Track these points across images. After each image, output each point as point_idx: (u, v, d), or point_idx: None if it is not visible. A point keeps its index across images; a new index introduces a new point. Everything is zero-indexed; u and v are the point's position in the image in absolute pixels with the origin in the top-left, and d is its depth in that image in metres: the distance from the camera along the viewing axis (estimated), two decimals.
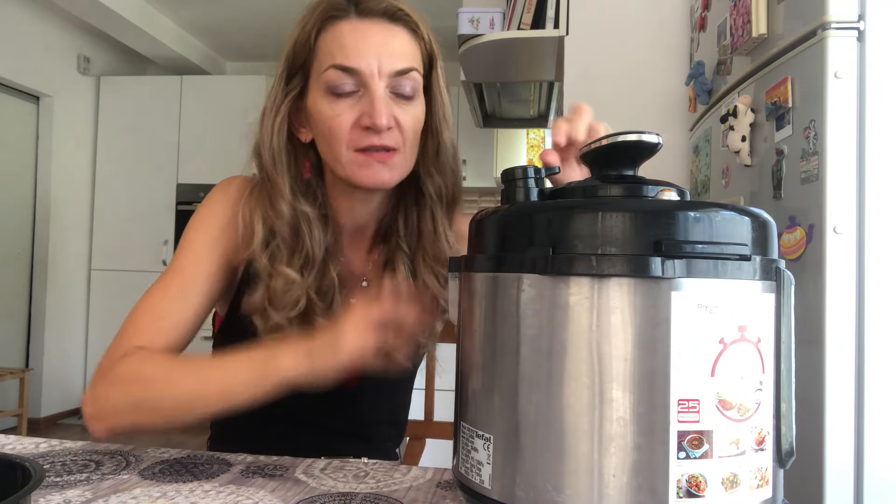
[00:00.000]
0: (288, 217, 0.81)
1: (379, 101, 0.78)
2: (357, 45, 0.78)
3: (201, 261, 0.83)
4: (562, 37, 2.18)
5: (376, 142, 0.78)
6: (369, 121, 0.77)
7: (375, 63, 0.78)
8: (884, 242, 1.08)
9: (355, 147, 0.79)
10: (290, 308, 0.80)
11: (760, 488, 0.48)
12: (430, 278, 0.88)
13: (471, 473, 0.53)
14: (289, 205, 0.82)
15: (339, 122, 0.79)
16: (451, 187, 0.89)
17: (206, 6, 4.38)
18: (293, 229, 0.82)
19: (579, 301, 0.47)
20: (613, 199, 0.53)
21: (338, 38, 0.79)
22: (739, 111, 1.38)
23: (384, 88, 0.79)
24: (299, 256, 0.82)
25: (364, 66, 0.78)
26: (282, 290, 0.80)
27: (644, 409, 0.45)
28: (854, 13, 1.10)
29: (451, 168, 0.89)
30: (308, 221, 0.83)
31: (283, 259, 0.81)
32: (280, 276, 0.80)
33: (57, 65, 4.43)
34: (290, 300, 0.80)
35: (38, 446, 0.77)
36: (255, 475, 0.68)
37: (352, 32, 0.79)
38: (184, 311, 0.81)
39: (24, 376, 3.76)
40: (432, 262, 0.88)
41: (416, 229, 0.90)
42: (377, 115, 0.77)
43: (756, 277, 0.48)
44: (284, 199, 0.82)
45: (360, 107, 0.79)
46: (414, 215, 0.90)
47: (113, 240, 4.71)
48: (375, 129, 0.78)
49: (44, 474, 0.45)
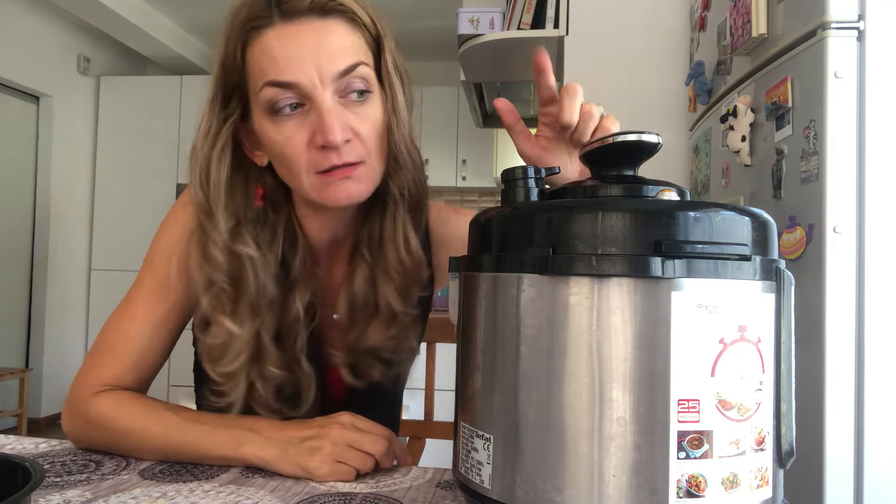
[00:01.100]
0: (224, 265, 0.74)
1: (328, 115, 0.69)
2: (289, 55, 0.69)
3: (168, 287, 0.80)
4: (562, 37, 2.19)
5: (336, 161, 0.70)
6: (322, 139, 0.69)
7: (314, 71, 0.69)
8: (884, 242, 1.08)
9: (315, 170, 0.71)
10: (228, 363, 0.75)
11: (760, 488, 0.48)
12: (390, 290, 0.81)
13: (471, 473, 0.53)
14: (225, 252, 0.74)
15: (293, 146, 0.71)
16: (413, 185, 0.80)
17: (206, 6, 4.38)
18: (232, 277, 0.75)
19: (579, 301, 0.47)
20: (613, 199, 0.53)
21: (266, 51, 0.70)
22: (739, 111, 1.38)
23: (331, 97, 0.70)
24: (245, 302, 0.75)
25: (302, 78, 0.69)
26: (221, 344, 0.74)
27: (644, 409, 0.45)
28: (854, 13, 1.10)
29: (412, 162, 0.79)
30: (252, 264, 0.75)
31: (226, 308, 0.75)
32: (220, 327, 0.74)
33: (57, 65, 4.43)
34: (229, 355, 0.75)
35: (38, 446, 0.77)
36: (255, 475, 0.68)
37: (279, 41, 0.70)
38: (153, 344, 0.80)
39: (24, 376, 3.76)
40: (393, 271, 0.81)
41: (377, 233, 0.82)
42: (329, 131, 0.69)
43: (756, 277, 0.48)
44: (218, 246, 0.74)
45: (308, 123, 0.70)
46: (376, 219, 0.82)
47: (113, 240, 4.71)
48: (331, 146, 0.69)
49: (44, 474, 0.45)
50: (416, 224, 0.83)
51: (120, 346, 0.79)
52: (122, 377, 0.78)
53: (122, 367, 0.79)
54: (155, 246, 0.83)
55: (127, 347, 0.79)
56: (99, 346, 0.80)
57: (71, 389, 0.79)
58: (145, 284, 0.81)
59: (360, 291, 0.82)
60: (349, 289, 0.82)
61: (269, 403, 0.78)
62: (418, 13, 4.11)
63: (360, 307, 0.82)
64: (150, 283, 0.81)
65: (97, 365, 0.79)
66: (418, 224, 0.83)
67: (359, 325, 0.83)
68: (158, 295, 0.80)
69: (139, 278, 0.82)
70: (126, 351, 0.79)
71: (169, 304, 0.80)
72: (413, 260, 0.81)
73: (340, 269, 0.87)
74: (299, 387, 0.79)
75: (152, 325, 0.80)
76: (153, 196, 4.65)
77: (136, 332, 0.79)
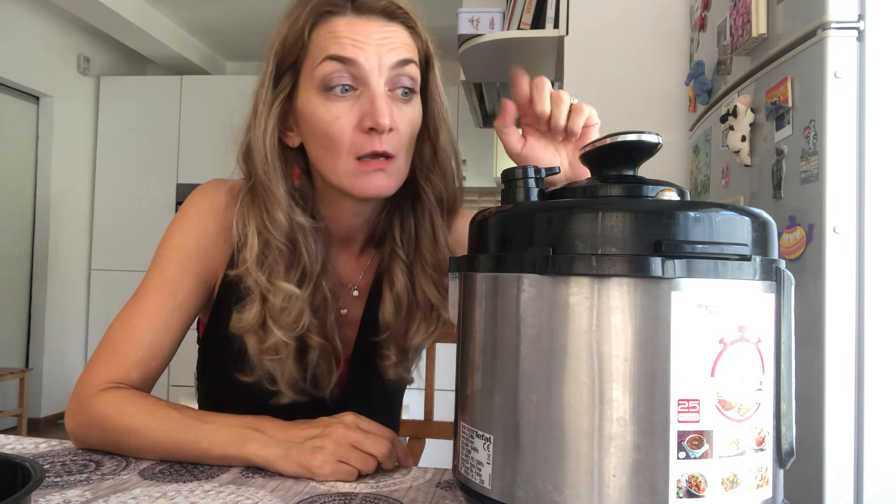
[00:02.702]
0: (286, 228, 0.77)
1: (380, 99, 0.74)
2: (354, 38, 0.74)
3: (177, 282, 0.81)
4: (562, 37, 2.19)
5: (378, 147, 0.74)
6: (371, 121, 0.73)
7: (375, 57, 0.74)
8: (884, 242, 1.08)
9: (356, 154, 0.75)
10: (291, 326, 0.77)
11: (760, 488, 0.48)
12: (430, 288, 0.85)
13: (471, 473, 0.53)
14: (286, 215, 0.78)
15: (340, 126, 0.75)
16: (451, 191, 0.86)
17: (206, 6, 4.38)
18: (290, 241, 0.78)
19: (579, 301, 0.47)
20: (613, 199, 0.53)
21: (333, 32, 0.75)
22: (739, 111, 1.38)
23: (384, 86, 0.75)
24: (296, 270, 0.78)
25: (362, 59, 0.74)
26: (280, 307, 0.76)
27: (644, 409, 0.45)
28: (854, 13, 1.10)
29: (451, 171, 0.85)
30: (304, 233, 0.79)
31: (280, 273, 0.77)
32: (279, 291, 0.76)
33: (57, 65, 4.43)
34: (291, 317, 0.77)
35: (38, 446, 0.77)
36: (255, 475, 0.68)
37: (348, 27, 0.75)
38: (159, 340, 0.80)
39: (24, 376, 3.76)
40: (431, 270, 0.85)
41: (413, 236, 0.86)
42: (379, 114, 0.73)
43: (756, 277, 0.48)
44: (282, 209, 0.77)
45: (359, 107, 0.75)
46: (411, 221, 0.86)
47: (113, 240, 4.71)
48: (379, 129, 0.73)
49: (44, 474, 0.45)
50: (449, 224, 0.88)
51: (126, 341, 0.79)
52: (126, 374, 0.78)
53: (127, 364, 0.78)
54: (164, 244, 0.83)
55: (133, 343, 0.79)
56: (106, 343, 0.80)
57: (76, 387, 0.79)
58: (153, 281, 0.81)
59: (402, 290, 0.85)
60: (391, 289, 0.85)
61: (299, 384, 0.80)
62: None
63: (403, 307, 0.85)
64: (159, 280, 0.81)
65: (103, 361, 0.79)
66: (450, 227, 0.88)
67: (403, 325, 0.86)
68: (167, 291, 0.81)
69: (148, 275, 0.82)
70: (132, 347, 0.79)
71: (176, 301, 0.81)
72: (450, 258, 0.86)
73: (348, 268, 0.89)
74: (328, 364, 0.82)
75: (160, 321, 0.80)
76: (153, 196, 4.65)
77: (144, 327, 0.79)
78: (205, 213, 0.83)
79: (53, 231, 4.46)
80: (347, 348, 0.88)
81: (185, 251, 0.82)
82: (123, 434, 0.73)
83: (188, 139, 4.68)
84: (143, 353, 0.79)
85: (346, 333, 0.88)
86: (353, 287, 0.89)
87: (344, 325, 0.88)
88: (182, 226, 0.83)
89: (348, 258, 0.89)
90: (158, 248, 0.83)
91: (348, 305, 0.89)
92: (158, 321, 0.80)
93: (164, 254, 0.82)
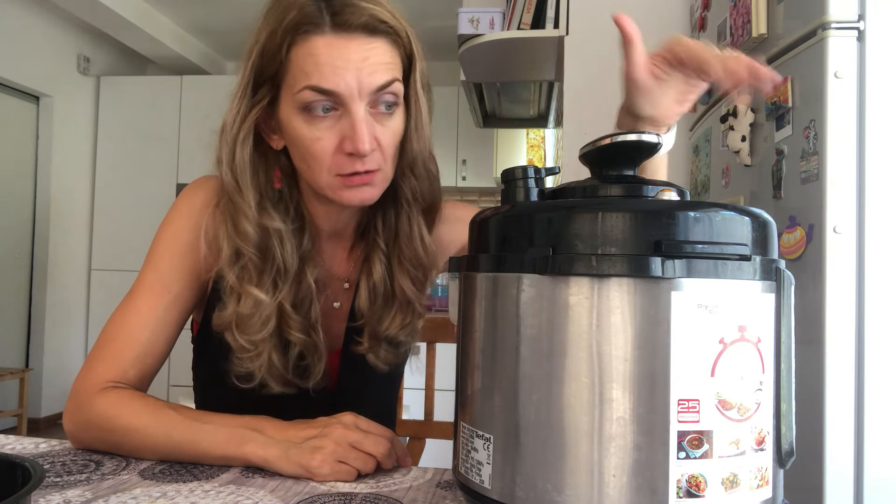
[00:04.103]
0: (254, 238, 0.78)
1: (360, 125, 0.73)
2: (335, 65, 0.72)
3: (171, 278, 0.81)
4: (562, 37, 2.18)
5: (359, 167, 0.75)
6: (352, 146, 0.73)
7: (355, 83, 0.72)
8: (884, 242, 1.08)
9: (337, 173, 0.75)
10: (257, 330, 0.78)
11: (760, 488, 0.48)
12: (406, 281, 0.86)
13: (471, 473, 0.53)
14: (254, 225, 0.78)
15: (321, 147, 0.74)
16: (428, 191, 0.86)
17: (206, 6, 4.38)
18: (261, 249, 0.78)
19: (579, 301, 0.47)
20: (613, 199, 0.53)
21: (313, 56, 0.73)
22: (739, 111, 1.38)
23: (364, 108, 0.74)
24: (269, 273, 0.79)
25: (343, 88, 0.72)
26: (249, 314, 0.77)
27: (644, 409, 0.45)
28: (854, 13, 1.10)
29: (427, 172, 0.85)
30: (279, 236, 0.79)
31: (253, 278, 0.78)
32: (248, 296, 0.77)
33: (57, 65, 4.43)
34: (257, 323, 0.78)
35: (38, 446, 0.77)
36: (255, 475, 0.68)
37: (327, 48, 0.72)
38: (155, 336, 0.80)
39: (24, 376, 3.76)
40: (408, 264, 0.86)
41: (393, 229, 0.87)
42: (360, 140, 0.73)
43: (756, 277, 0.48)
44: (249, 220, 0.78)
45: (339, 129, 0.74)
46: (392, 215, 0.87)
47: (113, 240, 4.71)
48: (359, 154, 0.73)
49: (44, 474, 0.45)
50: (429, 223, 0.89)
51: (122, 339, 0.79)
52: (124, 372, 0.78)
53: (124, 361, 0.79)
54: (157, 240, 0.84)
55: (130, 341, 0.79)
56: (102, 341, 0.81)
57: (73, 387, 0.79)
58: (147, 278, 0.82)
59: (379, 279, 0.86)
60: (368, 279, 0.86)
61: (284, 376, 0.80)
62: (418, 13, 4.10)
63: (379, 296, 0.86)
64: (153, 277, 0.82)
65: (100, 360, 0.79)
66: (431, 223, 0.89)
67: (377, 313, 0.86)
68: (161, 287, 0.81)
69: (142, 272, 0.83)
70: (129, 344, 0.79)
71: (171, 296, 0.81)
72: (428, 255, 0.87)
73: (340, 261, 0.90)
74: (312, 357, 0.83)
75: (155, 316, 0.80)
76: (153, 196, 4.65)
77: (139, 324, 0.80)
78: (196, 208, 0.83)
79: (53, 231, 4.46)
80: (340, 340, 0.89)
81: (178, 247, 0.82)
82: (122, 435, 0.73)
83: (188, 139, 4.68)
84: (139, 350, 0.79)
85: (339, 326, 0.89)
86: (344, 280, 0.90)
87: (337, 319, 0.89)
88: (174, 222, 0.84)
89: (340, 252, 0.90)
90: (152, 244, 0.84)
91: (341, 298, 0.90)
92: (154, 317, 0.80)
93: (158, 250, 0.83)
